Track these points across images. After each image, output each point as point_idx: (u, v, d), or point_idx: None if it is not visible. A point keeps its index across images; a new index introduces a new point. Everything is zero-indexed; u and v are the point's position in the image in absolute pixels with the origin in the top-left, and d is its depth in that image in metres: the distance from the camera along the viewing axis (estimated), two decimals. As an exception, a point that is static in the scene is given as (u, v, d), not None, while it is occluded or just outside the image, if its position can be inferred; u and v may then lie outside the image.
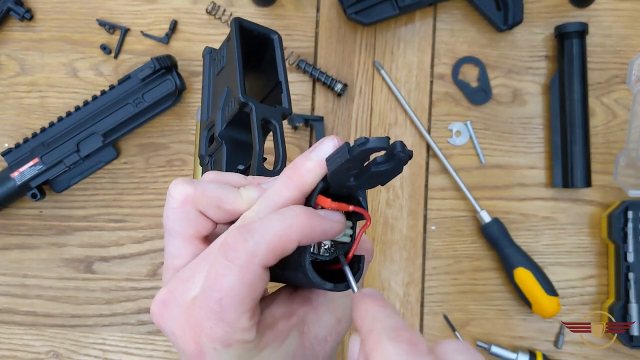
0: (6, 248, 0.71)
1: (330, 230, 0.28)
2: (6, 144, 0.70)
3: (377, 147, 0.25)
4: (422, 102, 0.71)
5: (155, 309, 0.30)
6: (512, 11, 0.67)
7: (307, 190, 0.29)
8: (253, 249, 0.26)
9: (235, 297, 0.26)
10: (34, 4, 0.72)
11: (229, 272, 0.26)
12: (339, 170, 0.27)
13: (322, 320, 0.31)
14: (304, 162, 0.29)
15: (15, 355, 0.69)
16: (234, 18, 0.36)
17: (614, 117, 0.70)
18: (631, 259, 0.65)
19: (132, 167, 0.71)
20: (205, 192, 0.30)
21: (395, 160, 0.26)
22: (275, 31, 0.38)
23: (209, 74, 0.43)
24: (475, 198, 0.68)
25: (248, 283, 0.26)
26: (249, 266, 0.26)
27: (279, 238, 0.26)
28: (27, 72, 0.72)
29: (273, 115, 0.36)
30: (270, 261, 0.27)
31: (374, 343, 0.24)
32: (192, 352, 0.28)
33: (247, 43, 0.37)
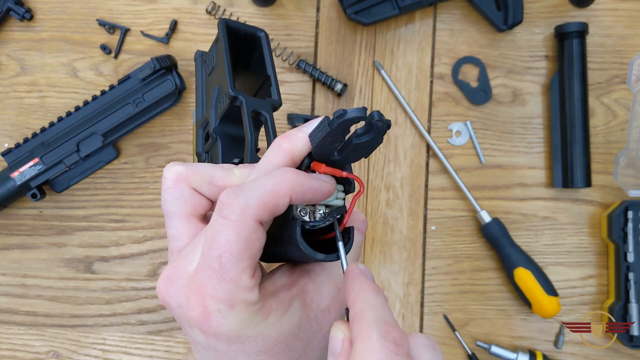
0: (6, 248, 0.71)
1: (320, 188, 0.29)
2: (6, 144, 0.70)
3: (355, 117, 0.26)
4: (422, 102, 0.71)
5: (160, 285, 0.31)
6: (512, 11, 0.67)
7: (297, 159, 0.30)
8: (245, 202, 0.27)
9: (234, 253, 0.27)
10: (34, 4, 0.72)
11: (225, 228, 0.27)
12: (322, 143, 0.28)
13: (323, 291, 0.32)
14: (295, 132, 0.30)
15: (15, 355, 0.69)
16: (220, 19, 0.38)
17: (614, 117, 0.70)
18: (631, 259, 0.65)
19: (132, 167, 0.71)
20: (196, 170, 0.32)
21: (374, 130, 0.27)
22: (261, 29, 0.39)
23: (201, 76, 0.44)
24: (475, 198, 0.68)
25: (244, 236, 0.27)
26: (243, 219, 0.27)
27: (269, 193, 0.27)
28: (27, 72, 0.72)
29: (263, 107, 0.37)
30: (264, 215, 0.27)
31: (363, 331, 0.25)
32: (198, 317, 0.28)
33: (235, 43, 0.38)
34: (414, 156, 0.71)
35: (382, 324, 0.25)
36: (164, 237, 0.70)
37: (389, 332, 0.25)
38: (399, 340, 0.25)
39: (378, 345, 0.24)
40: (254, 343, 0.29)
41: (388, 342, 0.24)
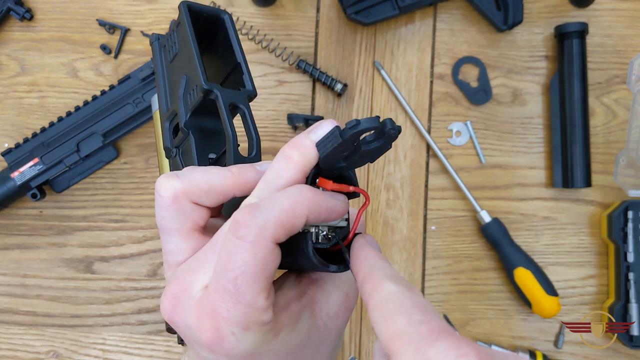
0: (6, 248, 0.71)
1: (335, 208, 0.28)
2: (6, 144, 0.70)
3: (369, 127, 0.26)
4: (422, 102, 0.71)
5: (166, 304, 0.29)
6: (512, 11, 0.67)
7: (307, 170, 0.29)
8: (263, 223, 0.26)
9: (250, 275, 0.26)
10: (34, 4, 0.72)
11: (241, 249, 0.26)
12: (332, 153, 0.27)
13: (331, 298, 0.31)
14: (304, 141, 0.29)
15: (15, 355, 0.69)
16: (181, 2, 0.35)
17: (614, 117, 0.70)
18: (631, 259, 0.65)
19: (132, 167, 0.71)
20: (193, 182, 0.30)
21: (385, 137, 0.27)
22: (225, 11, 0.37)
23: (161, 62, 0.41)
24: (475, 198, 0.68)
25: (261, 259, 0.26)
26: (261, 241, 0.26)
27: (287, 213, 0.26)
28: (27, 72, 0.72)
29: (240, 100, 0.34)
30: (280, 236, 0.26)
31: (374, 284, 0.25)
32: (210, 340, 0.27)
33: (197, 25, 0.36)
34: (414, 156, 0.71)
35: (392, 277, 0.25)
36: (164, 237, 0.70)
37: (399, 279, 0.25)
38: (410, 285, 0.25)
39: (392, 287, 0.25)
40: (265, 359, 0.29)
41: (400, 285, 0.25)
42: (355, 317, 0.69)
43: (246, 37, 0.71)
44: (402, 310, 0.24)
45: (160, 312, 0.30)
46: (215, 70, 0.39)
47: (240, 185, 0.30)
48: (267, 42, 0.70)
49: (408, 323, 0.23)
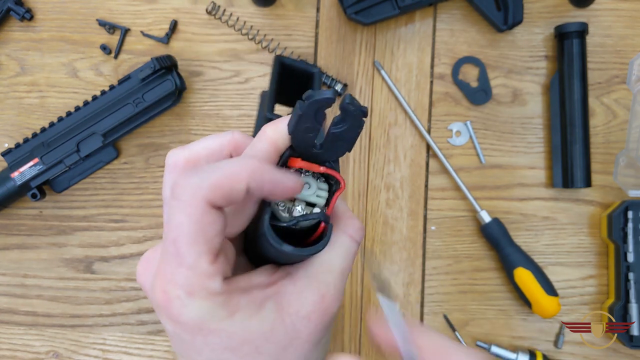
0: (6, 248, 0.71)
1: (282, 182, 0.28)
2: (6, 144, 0.70)
3: (322, 98, 0.26)
4: (422, 102, 0.71)
5: (138, 267, 0.31)
6: (512, 11, 0.67)
7: (280, 147, 0.29)
8: (197, 183, 0.26)
9: (187, 236, 0.26)
10: (34, 4, 0.72)
11: (176, 210, 0.26)
12: (298, 131, 0.28)
13: (303, 296, 0.30)
14: (282, 119, 0.29)
15: (15, 355, 0.69)
16: (276, 55, 0.39)
17: (614, 117, 0.70)
18: (631, 259, 0.65)
19: (132, 167, 0.71)
20: (192, 149, 0.32)
21: (349, 116, 0.26)
22: (315, 66, 0.40)
23: (261, 114, 0.46)
24: (475, 198, 0.68)
25: (195, 220, 0.26)
26: (193, 200, 0.26)
27: (224, 177, 0.26)
28: (27, 72, 0.72)
29: None
30: (215, 198, 0.26)
31: None
32: (161, 303, 0.27)
33: (290, 78, 0.38)
34: (414, 156, 0.71)
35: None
36: (164, 237, 0.70)
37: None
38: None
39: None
40: (217, 339, 0.28)
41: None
42: (355, 317, 0.69)
43: (246, 37, 0.71)
44: None
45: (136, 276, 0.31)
46: None
47: (237, 148, 0.31)
48: (267, 42, 0.70)
49: None
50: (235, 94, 0.71)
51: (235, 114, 0.71)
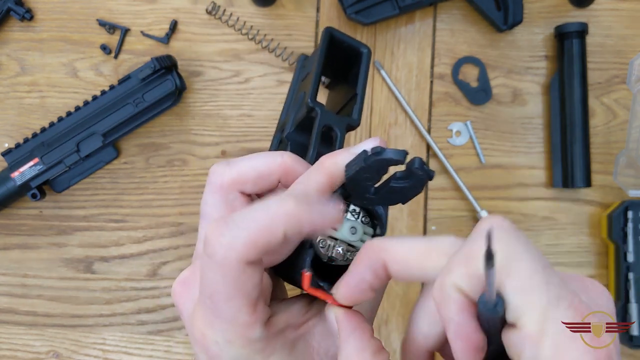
0: (6, 248, 0.71)
1: (322, 221, 0.26)
2: (6, 144, 0.70)
3: (391, 158, 0.25)
4: (422, 102, 0.71)
5: (175, 287, 0.30)
6: (512, 11, 0.67)
7: (336, 180, 0.28)
8: (229, 243, 0.24)
9: (223, 294, 0.25)
10: (34, 4, 0.72)
11: (209, 268, 0.25)
12: (356, 177, 0.27)
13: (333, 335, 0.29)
14: (341, 152, 0.28)
15: (15, 355, 0.69)
16: (325, 27, 0.36)
17: (614, 117, 0.70)
18: (631, 259, 0.65)
19: (132, 167, 0.71)
20: (240, 170, 0.30)
21: (414, 177, 0.26)
22: (365, 45, 0.37)
23: (296, 80, 0.43)
24: (475, 198, 0.68)
25: (231, 280, 0.25)
26: (227, 262, 0.24)
27: (259, 230, 0.24)
28: (27, 72, 0.72)
29: (337, 124, 0.35)
30: (252, 255, 0.25)
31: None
32: (199, 341, 0.27)
33: (337, 54, 0.37)
34: (414, 156, 0.70)
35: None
36: (164, 237, 0.70)
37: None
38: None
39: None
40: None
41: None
42: (355, 317, 0.69)
43: (246, 37, 0.71)
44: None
45: (171, 293, 0.30)
46: (339, 99, 0.40)
47: (286, 174, 0.30)
48: (267, 42, 0.70)
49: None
50: (235, 94, 0.71)
51: (236, 113, 0.71)
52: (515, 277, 0.21)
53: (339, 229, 0.28)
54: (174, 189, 0.70)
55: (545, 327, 0.21)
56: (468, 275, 0.22)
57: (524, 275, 0.21)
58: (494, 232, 0.21)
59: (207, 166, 0.71)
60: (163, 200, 0.70)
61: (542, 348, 0.21)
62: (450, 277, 0.23)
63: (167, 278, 0.70)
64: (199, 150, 0.71)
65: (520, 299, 0.21)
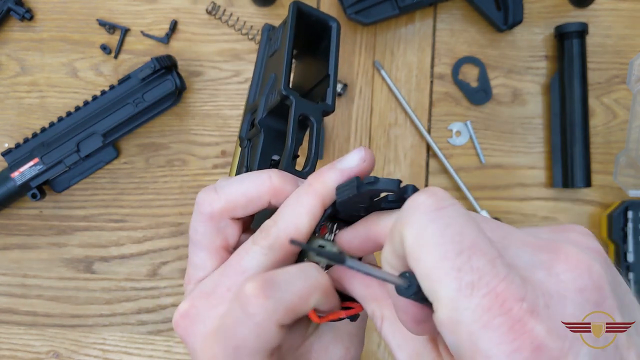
0: (6, 248, 0.71)
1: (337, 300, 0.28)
2: (6, 144, 0.70)
3: (385, 189, 0.25)
4: (422, 102, 0.71)
5: (178, 320, 0.30)
6: (512, 11, 0.67)
7: (327, 200, 0.28)
8: (273, 308, 0.25)
9: (250, 349, 0.26)
10: (34, 4, 0.72)
11: (245, 326, 0.26)
12: (347, 202, 0.27)
13: (329, 350, 0.30)
14: (328, 170, 0.29)
15: (15, 355, 0.69)
16: (292, 1, 0.35)
17: (614, 117, 0.70)
18: (631, 259, 0.65)
19: (132, 167, 0.71)
20: (229, 197, 0.30)
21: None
22: (334, 18, 0.36)
23: (262, 54, 0.41)
24: (475, 198, 0.68)
25: (263, 340, 0.26)
26: (266, 324, 0.25)
27: (299, 298, 0.26)
28: (27, 72, 0.72)
29: (313, 112, 0.34)
30: (286, 321, 0.26)
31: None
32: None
33: (305, 27, 0.36)
34: (414, 156, 0.71)
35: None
36: (164, 237, 0.70)
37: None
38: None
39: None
40: None
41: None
42: (355, 317, 0.69)
43: (246, 37, 0.71)
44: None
45: (172, 323, 0.30)
46: (309, 75, 0.39)
47: (276, 195, 0.30)
48: (267, 42, 0.70)
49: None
50: (235, 94, 0.71)
51: (235, 113, 0.71)
52: (421, 265, 0.21)
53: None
54: (174, 189, 0.70)
55: (457, 316, 0.20)
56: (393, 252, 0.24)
57: (430, 263, 0.21)
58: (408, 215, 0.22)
59: (207, 166, 0.71)
60: (163, 200, 0.70)
61: (458, 337, 0.20)
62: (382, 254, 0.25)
63: (167, 278, 0.70)
64: (199, 150, 0.71)
65: (428, 286, 0.21)
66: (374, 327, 0.29)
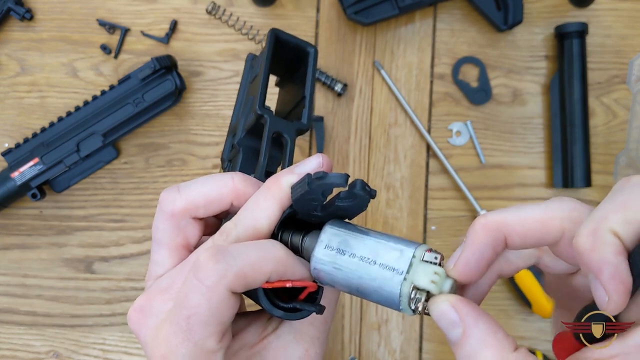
0: (6, 248, 0.71)
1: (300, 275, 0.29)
2: (6, 144, 0.70)
3: (334, 183, 0.26)
4: (422, 102, 0.71)
5: (132, 314, 0.30)
6: (512, 11, 0.67)
7: (285, 204, 0.29)
8: (224, 272, 0.26)
9: (202, 317, 0.26)
10: (34, 4, 0.72)
11: (197, 291, 0.26)
12: (302, 200, 0.28)
13: (288, 351, 0.31)
14: (285, 174, 0.30)
15: (15, 355, 0.69)
16: (271, 28, 0.37)
17: (614, 117, 0.70)
18: (631, 259, 0.65)
19: (132, 167, 0.71)
20: (189, 197, 0.31)
21: (357, 198, 0.27)
22: (312, 45, 0.38)
23: (245, 81, 0.43)
24: (475, 198, 0.68)
25: (214, 305, 0.26)
26: (217, 288, 0.26)
27: (251, 266, 0.27)
28: (27, 72, 0.72)
29: (286, 130, 0.36)
30: (238, 287, 0.27)
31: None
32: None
33: (284, 53, 0.37)
34: (414, 156, 0.71)
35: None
36: (164, 237, 0.70)
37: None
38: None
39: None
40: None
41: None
42: (355, 316, 0.69)
43: (246, 37, 0.71)
44: None
45: (127, 318, 0.31)
46: (289, 98, 0.41)
47: (238, 197, 0.31)
48: (267, 42, 0.70)
49: None
50: (235, 94, 0.71)
51: (235, 114, 0.71)
52: None
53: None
54: (174, 189, 0.70)
55: None
56: (626, 221, 0.23)
57: None
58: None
59: (207, 166, 0.71)
60: (163, 200, 0.70)
61: None
62: (606, 223, 0.23)
63: (167, 278, 0.70)
64: (199, 150, 0.71)
65: None
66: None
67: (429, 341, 0.69)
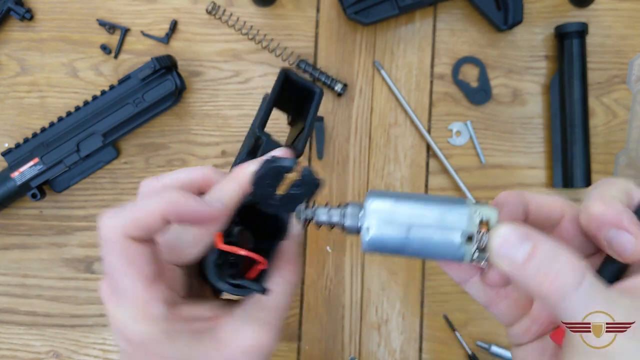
0: (6, 248, 0.71)
1: (201, 213, 0.30)
2: (6, 144, 0.70)
3: (282, 166, 0.30)
4: (422, 102, 0.71)
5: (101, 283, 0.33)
6: (512, 11, 0.67)
7: (245, 187, 0.32)
8: (115, 222, 0.29)
9: (119, 268, 0.29)
10: (34, 4, 0.72)
11: (104, 249, 0.30)
12: (259, 184, 0.31)
13: (240, 332, 0.31)
14: (250, 163, 0.33)
15: (15, 355, 0.69)
16: (282, 68, 0.40)
17: (614, 117, 0.70)
18: (631, 259, 0.65)
19: (132, 167, 0.71)
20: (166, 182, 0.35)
21: (306, 185, 0.31)
22: (318, 86, 0.41)
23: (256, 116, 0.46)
24: (475, 198, 0.68)
25: (120, 254, 0.29)
26: (115, 237, 0.29)
27: (139, 211, 0.29)
28: (27, 72, 0.72)
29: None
30: (135, 232, 0.29)
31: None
32: (114, 326, 0.31)
33: (292, 92, 0.41)
34: (414, 156, 0.71)
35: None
36: (164, 237, 0.70)
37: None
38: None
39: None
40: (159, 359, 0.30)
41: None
42: (355, 316, 0.69)
43: (246, 37, 0.71)
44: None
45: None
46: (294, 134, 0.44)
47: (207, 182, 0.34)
48: (267, 42, 0.70)
49: None
50: (235, 94, 0.71)
51: (235, 113, 0.71)
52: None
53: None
54: (174, 189, 0.70)
55: None
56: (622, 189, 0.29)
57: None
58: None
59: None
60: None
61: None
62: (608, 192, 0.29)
63: (167, 278, 0.70)
64: (199, 150, 0.71)
65: None
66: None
67: (429, 341, 0.69)
